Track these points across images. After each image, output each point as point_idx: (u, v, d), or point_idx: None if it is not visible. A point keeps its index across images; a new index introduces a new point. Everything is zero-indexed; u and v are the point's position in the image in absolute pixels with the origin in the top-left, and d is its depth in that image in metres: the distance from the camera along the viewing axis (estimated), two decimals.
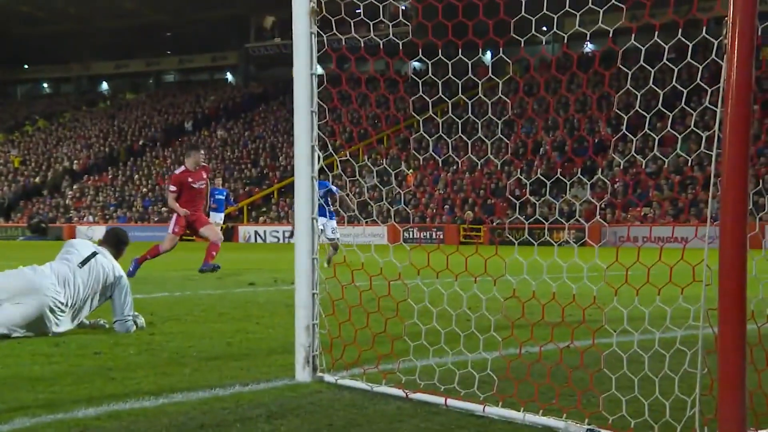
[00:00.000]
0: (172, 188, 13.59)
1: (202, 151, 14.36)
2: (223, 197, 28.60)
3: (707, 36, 3.68)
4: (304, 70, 4.57)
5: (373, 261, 4.89)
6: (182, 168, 13.80)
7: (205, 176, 13.76)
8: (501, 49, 4.26)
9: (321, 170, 4.72)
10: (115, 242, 7.23)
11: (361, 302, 5.12)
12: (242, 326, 7.09)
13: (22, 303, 6.40)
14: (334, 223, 15.63)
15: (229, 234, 41.83)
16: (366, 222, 34.97)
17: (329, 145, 4.90)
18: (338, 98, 4.90)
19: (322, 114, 4.67)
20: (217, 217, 28.94)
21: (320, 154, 4.66)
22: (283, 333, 6.56)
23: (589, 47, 46.52)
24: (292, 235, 14.71)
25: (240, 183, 47.78)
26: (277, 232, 40.48)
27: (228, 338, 6.36)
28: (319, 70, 4.61)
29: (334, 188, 15.35)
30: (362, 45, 4.70)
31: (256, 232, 41.18)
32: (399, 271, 4.87)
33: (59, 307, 6.51)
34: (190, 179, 13.57)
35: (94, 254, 6.85)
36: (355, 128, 42.32)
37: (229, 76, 68.87)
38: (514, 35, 4.16)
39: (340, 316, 4.99)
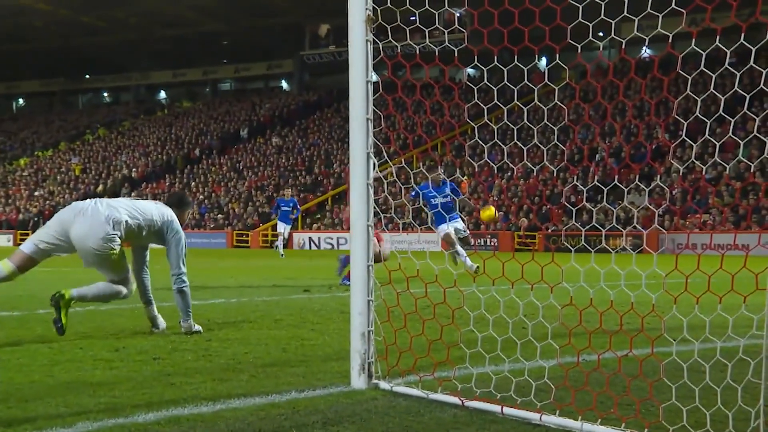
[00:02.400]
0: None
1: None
2: (290, 208, 28.85)
3: None
4: (360, 78, 4.59)
5: (428, 268, 4.89)
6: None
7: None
8: (557, 55, 4.24)
9: (375, 177, 4.74)
10: (178, 202, 7.39)
11: (417, 309, 5.12)
12: (298, 333, 7.13)
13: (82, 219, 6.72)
14: (459, 222, 15.37)
15: (285, 241, 42.10)
16: (421, 228, 34.95)
17: (384, 152, 4.92)
18: (393, 105, 4.92)
19: (378, 121, 4.69)
20: (281, 227, 29.00)
21: (375, 161, 4.68)
22: (338, 340, 6.58)
23: (647, 52, 45.91)
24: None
25: (294, 190, 48.06)
26: (331, 238, 40.64)
27: (284, 344, 6.40)
28: (375, 77, 4.63)
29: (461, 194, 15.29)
30: (417, 52, 4.71)
31: (310, 239, 41.41)
32: (454, 278, 4.85)
33: (116, 217, 6.78)
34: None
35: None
36: (409, 135, 42.29)
37: (284, 84, 69.45)
38: (570, 41, 4.14)
39: (395, 323, 5.00)
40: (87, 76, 75.09)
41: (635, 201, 34.08)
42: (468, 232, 15.19)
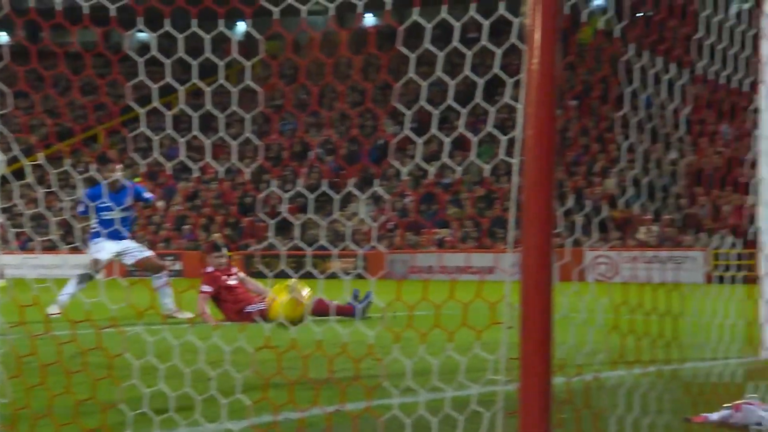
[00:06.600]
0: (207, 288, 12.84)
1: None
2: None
3: (505, 13, 3.86)
4: None
5: (76, 302, 4.76)
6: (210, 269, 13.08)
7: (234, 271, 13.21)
8: (249, 21, 4.29)
9: (2, 180, 4.56)
10: None
11: (61, 359, 4.97)
12: None
13: None
14: (128, 243, 14.33)
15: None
16: (68, 249, 33.68)
17: (13, 145, 4.75)
18: (27, 80, 4.74)
19: (3, 101, 4.51)
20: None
21: (3, 158, 4.51)
22: None
23: (368, 21, 47.62)
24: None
25: None
26: None
27: None
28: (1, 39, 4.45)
29: (148, 195, 14.43)
30: (60, 8, 4.58)
31: None
32: (113, 315, 4.76)
33: None
34: (223, 277, 12.84)
35: None
36: (53, 121, 41.04)
37: None
38: (264, 3, 4.20)
39: (29, 378, 4.83)
40: None
41: (356, 212, 35.12)
42: (144, 253, 14.65)
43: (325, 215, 34.61)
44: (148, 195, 14.60)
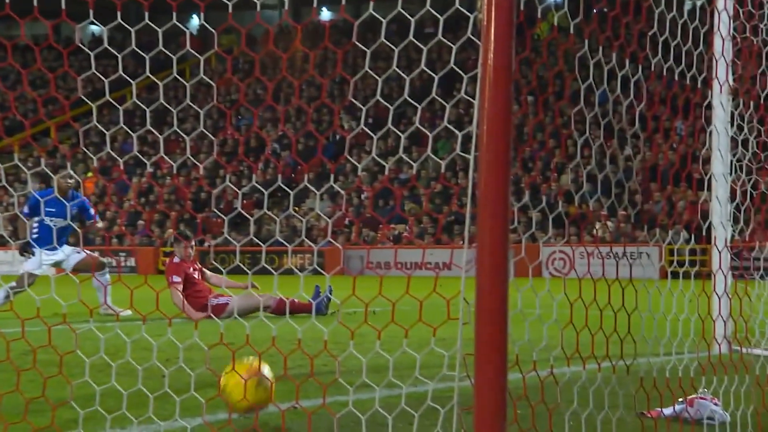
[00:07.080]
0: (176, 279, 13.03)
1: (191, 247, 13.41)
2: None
3: (461, 8, 3.87)
4: None
5: (26, 299, 4.72)
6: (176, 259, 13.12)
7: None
8: (203, 15, 4.27)
9: None
10: None
11: (9, 356, 4.92)
12: None
13: None
14: (66, 250, 14.34)
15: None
16: (18, 246, 33.26)
17: None
18: None
19: None
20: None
21: None
22: None
23: (323, 16, 47.56)
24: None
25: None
26: None
27: None
28: None
29: (92, 212, 14.56)
30: (7, 0, 4.53)
31: None
32: (63, 312, 4.73)
33: None
34: (190, 269, 12.95)
35: None
36: (2, 115, 40.64)
37: None
38: None
39: None
40: None
41: (314, 207, 35.08)
42: (81, 254, 14.56)
43: (280, 211, 34.55)
44: (92, 212, 14.66)
